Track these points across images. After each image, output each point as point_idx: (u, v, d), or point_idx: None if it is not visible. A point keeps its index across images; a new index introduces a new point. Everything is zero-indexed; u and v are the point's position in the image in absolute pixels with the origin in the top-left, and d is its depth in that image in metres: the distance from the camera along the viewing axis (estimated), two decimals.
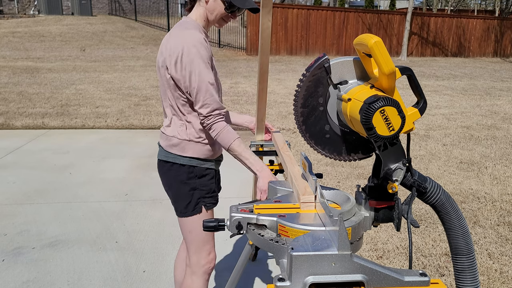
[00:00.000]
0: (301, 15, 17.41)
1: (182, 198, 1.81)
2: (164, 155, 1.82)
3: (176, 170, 1.79)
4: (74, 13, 23.82)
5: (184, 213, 1.82)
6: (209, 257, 1.89)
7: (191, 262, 1.87)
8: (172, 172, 1.81)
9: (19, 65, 11.52)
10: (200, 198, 1.82)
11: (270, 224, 1.16)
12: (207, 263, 1.88)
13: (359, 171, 4.63)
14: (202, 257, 1.86)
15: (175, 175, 1.80)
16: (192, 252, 1.86)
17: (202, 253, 1.86)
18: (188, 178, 1.80)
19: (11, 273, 2.68)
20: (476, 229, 3.36)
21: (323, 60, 1.18)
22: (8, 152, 5.09)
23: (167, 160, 1.81)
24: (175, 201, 1.84)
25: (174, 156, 1.79)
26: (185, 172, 1.79)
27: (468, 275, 1.19)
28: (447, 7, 33.63)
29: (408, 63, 16.80)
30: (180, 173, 1.79)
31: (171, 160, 1.80)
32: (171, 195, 1.86)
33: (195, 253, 1.86)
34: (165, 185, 1.87)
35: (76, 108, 7.29)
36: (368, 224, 1.20)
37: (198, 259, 1.86)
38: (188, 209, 1.81)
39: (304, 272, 0.90)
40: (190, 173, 1.80)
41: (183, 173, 1.79)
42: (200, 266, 1.87)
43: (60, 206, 3.68)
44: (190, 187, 1.80)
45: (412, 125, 1.14)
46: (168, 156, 1.80)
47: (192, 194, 1.80)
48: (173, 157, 1.79)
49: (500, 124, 7.06)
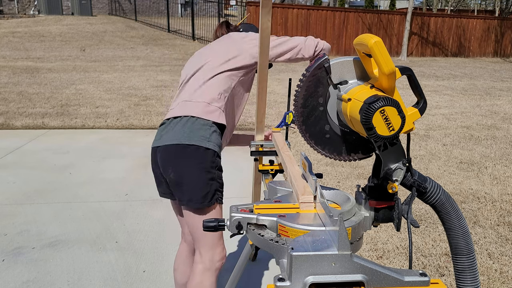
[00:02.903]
0: (301, 15, 17.41)
1: (201, 187, 1.72)
2: (187, 137, 1.71)
3: (201, 155, 1.71)
4: (74, 13, 23.81)
5: (201, 202, 1.73)
6: (223, 253, 1.84)
7: (205, 258, 1.80)
8: (195, 159, 1.71)
9: (19, 65, 11.51)
10: (217, 190, 1.76)
11: (270, 224, 1.16)
12: (221, 259, 1.83)
13: (359, 171, 4.63)
14: (217, 252, 1.81)
15: (198, 162, 1.71)
16: (207, 248, 1.80)
17: (217, 249, 1.81)
18: (211, 167, 1.73)
19: (11, 273, 2.68)
20: (476, 229, 3.36)
21: (323, 60, 1.18)
22: (8, 152, 5.09)
23: (190, 143, 1.70)
24: (191, 189, 1.73)
25: (200, 139, 1.70)
26: (210, 159, 1.73)
27: (468, 275, 1.19)
28: (447, 7, 33.64)
29: (408, 63, 16.79)
30: (204, 160, 1.71)
31: (195, 143, 1.70)
32: (185, 183, 1.73)
33: (210, 249, 1.80)
34: (179, 172, 1.74)
35: (76, 108, 7.28)
36: (368, 224, 1.20)
37: (213, 255, 1.80)
38: (206, 198, 1.72)
39: (304, 272, 0.90)
40: (213, 162, 1.74)
41: (208, 160, 1.72)
42: (214, 262, 1.81)
43: (60, 206, 3.68)
44: (210, 176, 1.73)
45: (412, 125, 1.14)
46: (191, 138, 1.70)
47: (211, 185, 1.74)
48: (199, 140, 1.71)
49: (500, 124, 7.05)
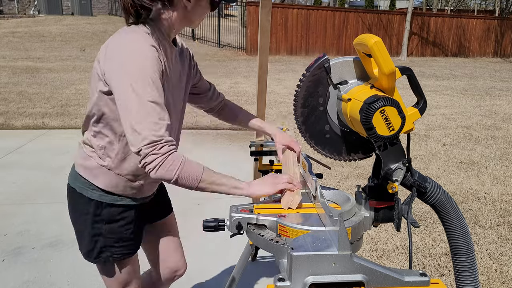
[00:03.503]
0: (301, 15, 17.40)
1: (84, 242, 1.43)
2: (72, 179, 1.44)
3: (83, 205, 1.40)
4: (74, 13, 23.81)
5: (87, 257, 1.45)
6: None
7: None
8: (79, 208, 1.42)
9: (19, 65, 11.51)
10: (105, 247, 1.41)
11: (270, 224, 1.16)
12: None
13: (359, 171, 4.63)
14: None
15: (81, 213, 1.41)
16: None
17: None
18: (94, 221, 1.39)
19: (11, 273, 2.68)
20: (476, 229, 3.36)
21: (323, 60, 1.18)
22: (8, 152, 5.09)
23: (73, 187, 1.42)
24: (78, 240, 1.47)
25: (82, 183, 1.40)
26: (92, 212, 1.39)
27: (468, 275, 1.19)
28: (447, 7, 33.64)
29: (408, 63, 16.79)
30: (87, 211, 1.39)
31: (77, 188, 1.41)
32: (75, 230, 1.49)
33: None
34: (70, 216, 1.50)
35: (76, 108, 7.28)
36: (368, 224, 1.20)
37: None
38: (90, 255, 1.43)
39: (304, 272, 0.90)
40: (97, 216, 1.39)
41: (90, 213, 1.39)
42: None
43: (60, 206, 3.68)
44: (94, 232, 1.40)
45: (412, 125, 1.14)
46: (76, 179, 1.42)
47: (95, 241, 1.40)
48: (80, 186, 1.40)
49: (500, 124, 7.05)
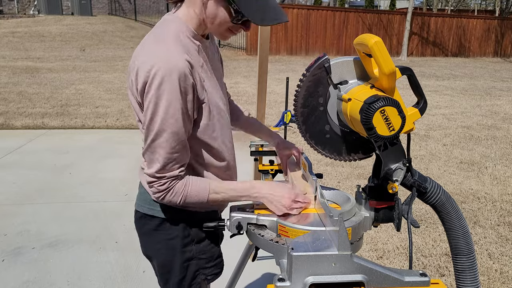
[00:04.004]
0: (301, 15, 17.40)
1: (174, 271, 1.29)
2: (147, 205, 1.27)
3: (166, 231, 1.26)
4: (74, 13, 23.81)
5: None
6: None
7: None
8: (160, 234, 1.27)
9: (19, 65, 11.51)
10: (199, 270, 1.31)
11: (270, 224, 1.16)
12: None
13: (359, 171, 4.63)
14: None
15: (164, 239, 1.27)
16: None
17: None
18: (183, 245, 1.27)
19: (11, 273, 2.68)
20: (476, 229, 3.36)
21: (323, 60, 1.18)
22: (8, 152, 5.08)
23: (152, 214, 1.27)
24: (162, 272, 1.32)
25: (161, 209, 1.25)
26: (179, 234, 1.27)
27: (468, 275, 1.19)
28: (447, 7, 33.64)
29: (408, 63, 16.78)
30: (171, 236, 1.27)
31: (157, 214, 1.26)
32: (155, 262, 1.33)
33: None
34: (146, 248, 1.32)
35: (76, 108, 7.28)
36: (368, 224, 1.20)
37: None
38: (183, 285, 1.30)
39: (304, 272, 0.90)
40: (186, 237, 1.27)
41: (176, 236, 1.26)
42: None
43: (60, 206, 3.68)
44: (185, 258, 1.28)
45: (412, 125, 1.14)
46: (153, 206, 1.26)
47: (187, 267, 1.29)
48: (158, 210, 1.25)
49: (500, 124, 7.05)
